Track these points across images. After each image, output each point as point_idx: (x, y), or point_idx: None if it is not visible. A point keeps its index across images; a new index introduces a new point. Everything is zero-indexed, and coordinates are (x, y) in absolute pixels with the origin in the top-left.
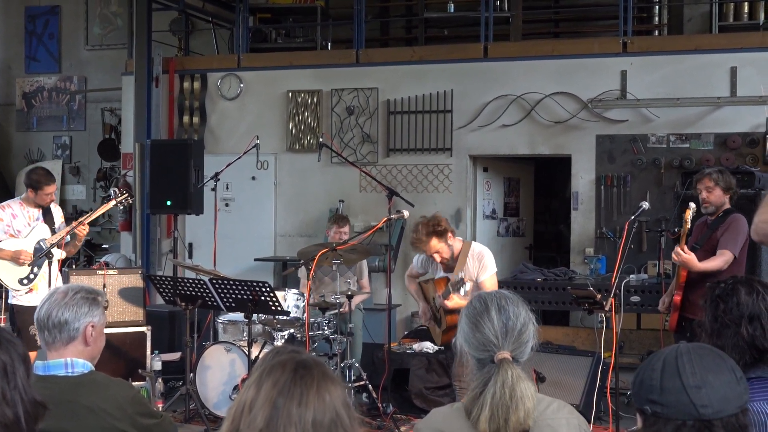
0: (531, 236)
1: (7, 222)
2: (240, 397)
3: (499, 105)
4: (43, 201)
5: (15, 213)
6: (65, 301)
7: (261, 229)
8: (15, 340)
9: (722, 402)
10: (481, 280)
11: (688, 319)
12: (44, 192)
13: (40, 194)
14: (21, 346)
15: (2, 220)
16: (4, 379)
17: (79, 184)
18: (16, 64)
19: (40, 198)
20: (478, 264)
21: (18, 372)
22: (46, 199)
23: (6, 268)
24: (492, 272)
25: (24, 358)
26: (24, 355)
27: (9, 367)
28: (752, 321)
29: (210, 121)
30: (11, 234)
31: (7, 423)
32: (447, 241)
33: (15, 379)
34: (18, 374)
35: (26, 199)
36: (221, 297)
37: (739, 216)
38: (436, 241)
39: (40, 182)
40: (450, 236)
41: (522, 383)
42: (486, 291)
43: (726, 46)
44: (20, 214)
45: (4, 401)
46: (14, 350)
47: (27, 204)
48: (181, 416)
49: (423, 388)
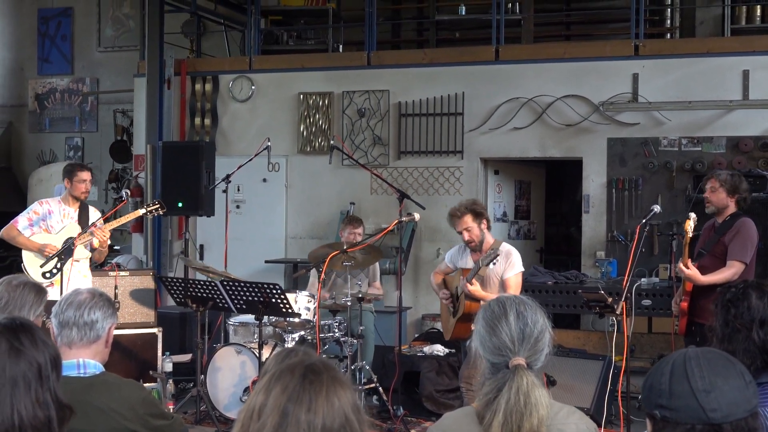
0: (542, 239)
1: (42, 216)
2: (249, 401)
3: (511, 108)
4: (79, 190)
5: (51, 209)
6: (94, 301)
7: (272, 231)
8: (49, 341)
9: (731, 406)
10: (506, 276)
11: (698, 324)
12: (79, 178)
13: (75, 183)
14: (54, 347)
15: (38, 214)
16: (38, 381)
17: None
18: (28, 66)
19: (76, 187)
20: (506, 261)
21: (51, 374)
22: (81, 187)
23: (32, 259)
24: (518, 271)
25: (56, 359)
26: (56, 357)
27: (44, 370)
28: (763, 325)
29: (221, 123)
30: (45, 229)
31: (39, 426)
32: (480, 225)
33: (48, 381)
34: (51, 377)
35: (65, 198)
36: (232, 299)
37: (746, 220)
38: (470, 218)
39: (73, 169)
40: (485, 223)
41: (536, 390)
42: (506, 294)
43: (738, 49)
44: (56, 211)
45: (37, 403)
46: (48, 352)
47: (65, 203)
48: (191, 418)
49: (433, 390)
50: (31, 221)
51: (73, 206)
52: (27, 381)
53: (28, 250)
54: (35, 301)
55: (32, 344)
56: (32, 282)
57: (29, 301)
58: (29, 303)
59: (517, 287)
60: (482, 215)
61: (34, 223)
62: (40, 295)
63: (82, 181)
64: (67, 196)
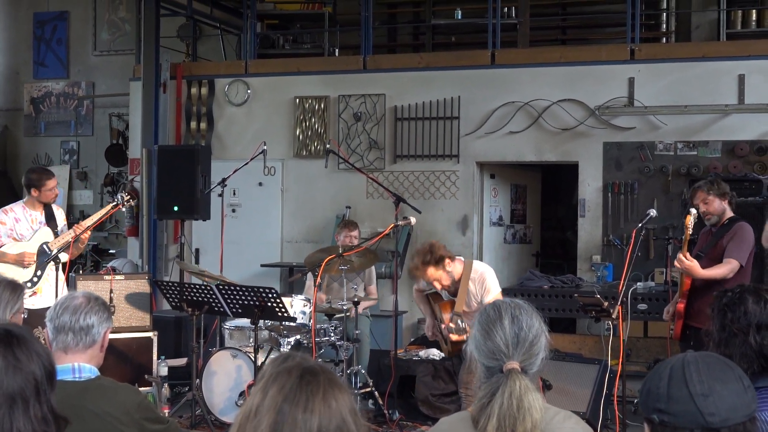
0: (538, 243)
1: (10, 226)
2: (246, 402)
3: (507, 112)
4: (48, 197)
5: (18, 217)
6: (90, 306)
7: (268, 235)
8: (41, 348)
9: (730, 410)
10: (485, 302)
11: (693, 328)
12: (47, 187)
13: (43, 191)
14: (47, 355)
15: (5, 224)
16: (36, 397)
17: (87, 189)
18: (24, 70)
19: (44, 195)
20: (481, 287)
21: (47, 387)
22: (50, 195)
23: (10, 271)
24: (496, 293)
25: (50, 369)
26: (51, 366)
27: (40, 384)
28: (760, 330)
29: (217, 126)
30: (14, 238)
31: None
32: (445, 268)
33: (45, 395)
34: (47, 390)
35: (29, 202)
36: (228, 303)
37: (744, 224)
38: (433, 270)
39: (40, 179)
40: (448, 262)
41: (530, 394)
42: (500, 299)
43: (734, 53)
44: (23, 218)
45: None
46: (42, 362)
47: (30, 207)
48: (187, 422)
49: (429, 395)
50: None
51: (39, 209)
52: (25, 398)
53: (4, 263)
54: (11, 299)
55: (28, 358)
56: (7, 279)
57: (4, 299)
58: (5, 301)
59: None
60: (441, 259)
61: (3, 234)
62: (16, 292)
63: (51, 189)
64: (33, 201)
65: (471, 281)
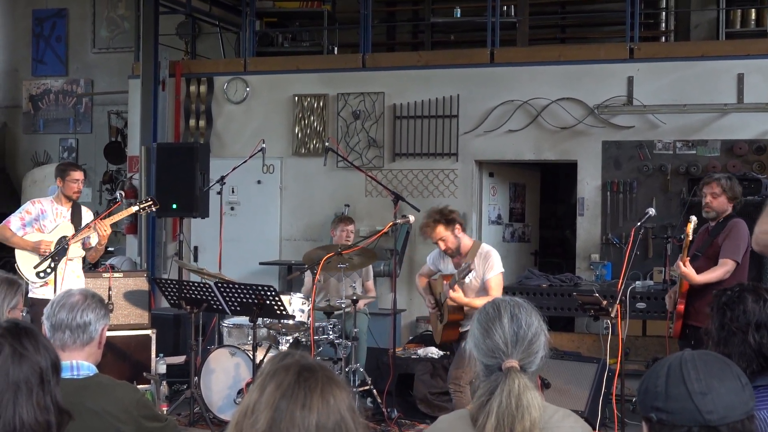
0: (536, 242)
1: (35, 216)
2: (244, 399)
3: (505, 110)
4: (71, 189)
5: (44, 209)
6: (87, 303)
7: (266, 233)
8: (50, 345)
9: (728, 408)
10: (487, 278)
11: (692, 327)
12: (71, 177)
13: (67, 182)
14: (54, 352)
15: (30, 213)
16: (40, 386)
17: (85, 186)
18: (23, 67)
19: (68, 187)
20: (485, 263)
21: (52, 379)
22: (73, 187)
23: (26, 259)
24: (498, 271)
25: (57, 364)
26: (57, 361)
27: (45, 375)
28: (759, 329)
29: (216, 124)
30: (39, 229)
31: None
32: (453, 232)
33: (49, 386)
34: (52, 381)
35: (57, 197)
36: (226, 300)
37: (739, 221)
38: (442, 228)
39: (66, 169)
40: (458, 228)
41: (528, 393)
42: (500, 297)
43: (733, 52)
44: (49, 211)
45: (38, 408)
46: (50, 356)
47: (57, 202)
48: (185, 420)
49: (428, 393)
50: (23, 221)
51: (66, 206)
52: (29, 386)
53: (22, 250)
54: (8, 294)
55: (35, 349)
56: (4, 275)
57: (1, 294)
58: (1, 296)
59: (499, 287)
60: (454, 222)
61: (27, 224)
62: (13, 288)
63: (74, 181)
64: (60, 196)
65: (478, 255)
